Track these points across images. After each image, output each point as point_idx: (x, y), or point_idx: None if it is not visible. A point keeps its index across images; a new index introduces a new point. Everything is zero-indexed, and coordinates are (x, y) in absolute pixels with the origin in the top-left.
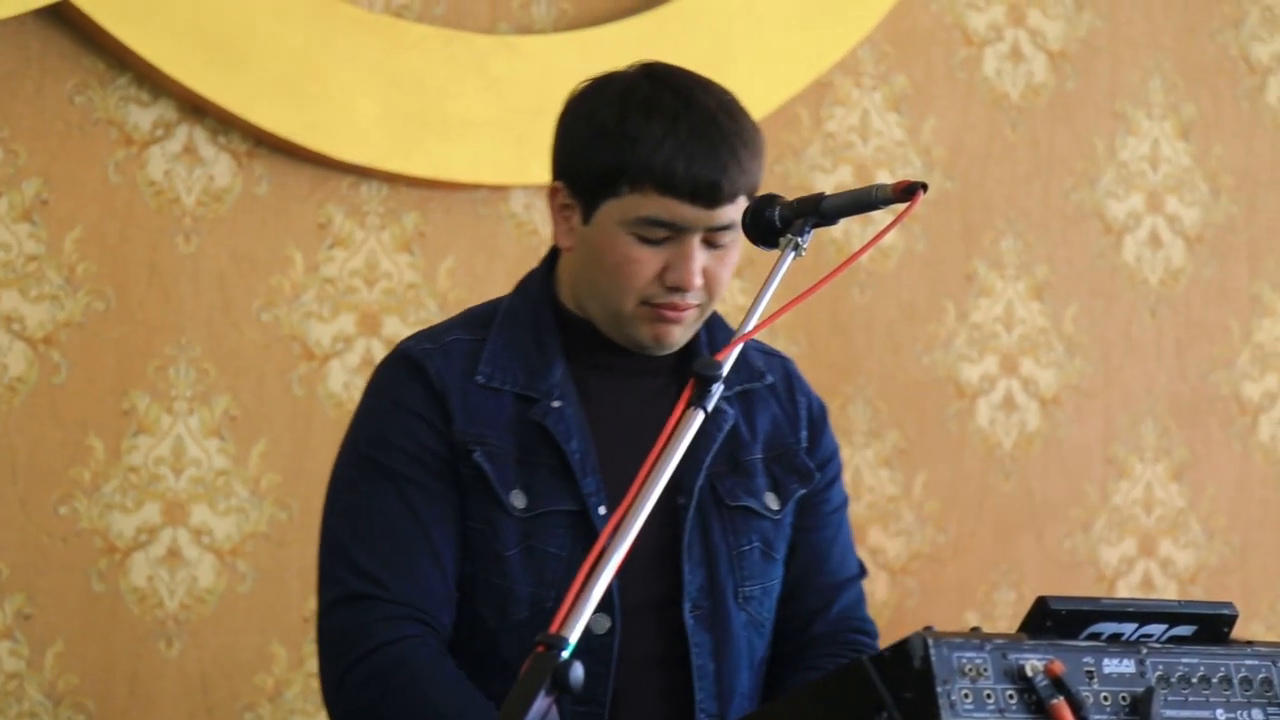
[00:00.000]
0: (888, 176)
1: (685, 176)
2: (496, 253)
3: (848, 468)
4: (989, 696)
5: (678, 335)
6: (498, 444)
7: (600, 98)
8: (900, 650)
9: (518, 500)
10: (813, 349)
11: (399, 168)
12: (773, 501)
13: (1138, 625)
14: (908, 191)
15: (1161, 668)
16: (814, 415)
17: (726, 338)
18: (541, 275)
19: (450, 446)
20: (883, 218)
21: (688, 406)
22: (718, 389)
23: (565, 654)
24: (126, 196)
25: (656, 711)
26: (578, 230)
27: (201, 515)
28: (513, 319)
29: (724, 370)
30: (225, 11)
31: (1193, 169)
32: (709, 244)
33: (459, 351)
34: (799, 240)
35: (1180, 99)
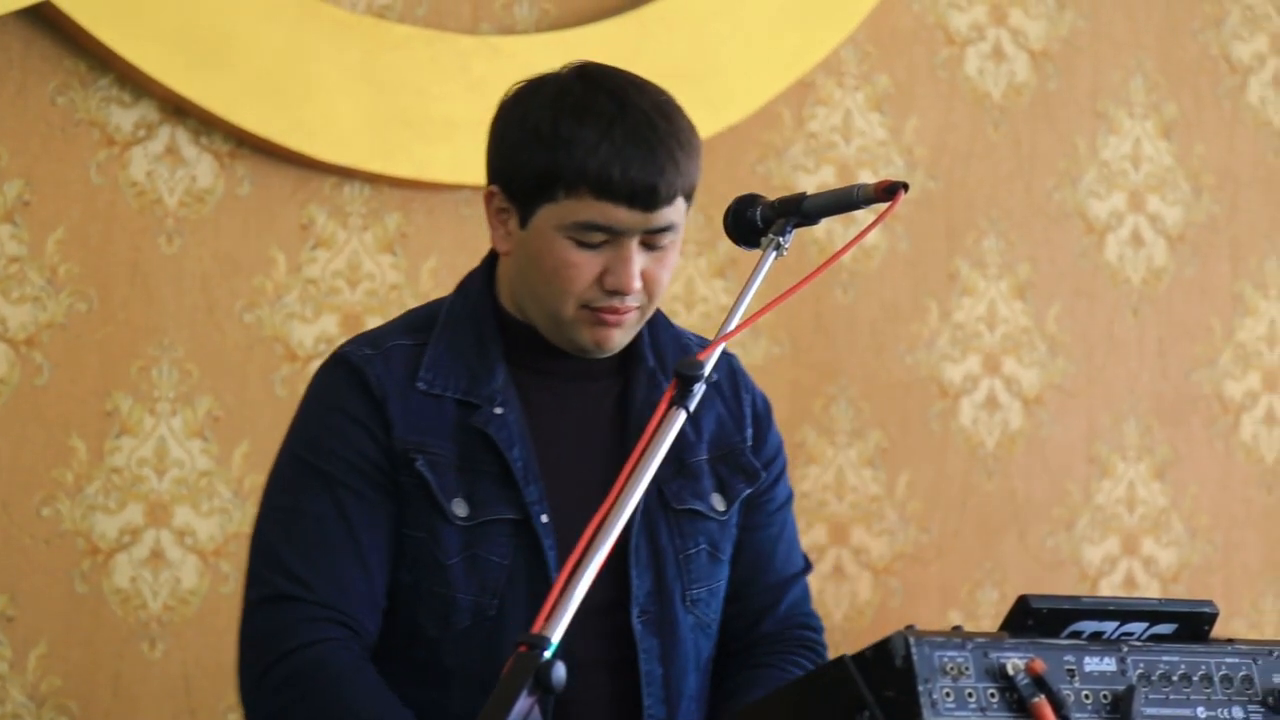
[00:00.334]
0: (870, 176)
1: (622, 181)
2: (479, 254)
3: (830, 468)
4: (970, 695)
5: (618, 338)
6: (439, 452)
7: (533, 101)
8: (882, 649)
9: (459, 509)
10: (795, 349)
11: (381, 168)
12: (719, 503)
13: (1119, 624)
14: (889, 191)
15: (1142, 666)
16: (758, 412)
17: (669, 337)
18: (482, 277)
19: (389, 455)
20: (865, 217)
21: (670, 407)
22: (700, 389)
23: (548, 654)
24: (109, 197)
25: (605, 715)
26: (515, 234)
27: (184, 516)
28: (454, 322)
29: (706, 370)
30: (207, 13)
31: (1174, 168)
32: (647, 246)
33: (399, 357)
34: (780, 240)
35: (1162, 98)
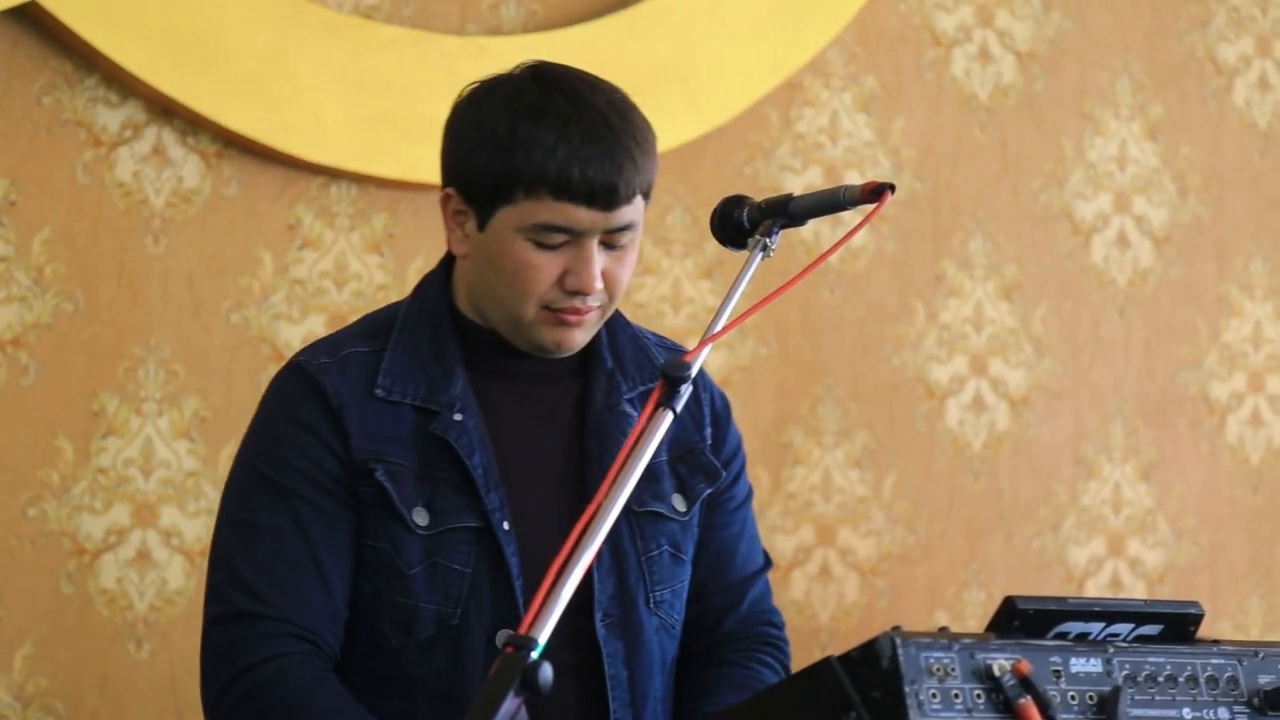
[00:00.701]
0: (857, 177)
1: (581, 180)
2: None
3: (817, 468)
4: (957, 696)
5: (579, 338)
6: (398, 460)
7: (488, 103)
8: (868, 650)
9: (420, 517)
10: (782, 349)
11: (368, 169)
12: (680, 503)
13: (1104, 624)
14: (876, 192)
15: (1128, 667)
16: (717, 411)
17: (627, 338)
18: (438, 280)
19: (347, 465)
20: (852, 218)
21: (656, 408)
22: (686, 390)
23: (535, 654)
24: (95, 198)
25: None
26: (473, 237)
27: (171, 517)
28: (411, 327)
29: (693, 371)
30: (194, 12)
31: (1160, 169)
32: (607, 245)
33: (356, 364)
34: (767, 241)
35: (1148, 100)
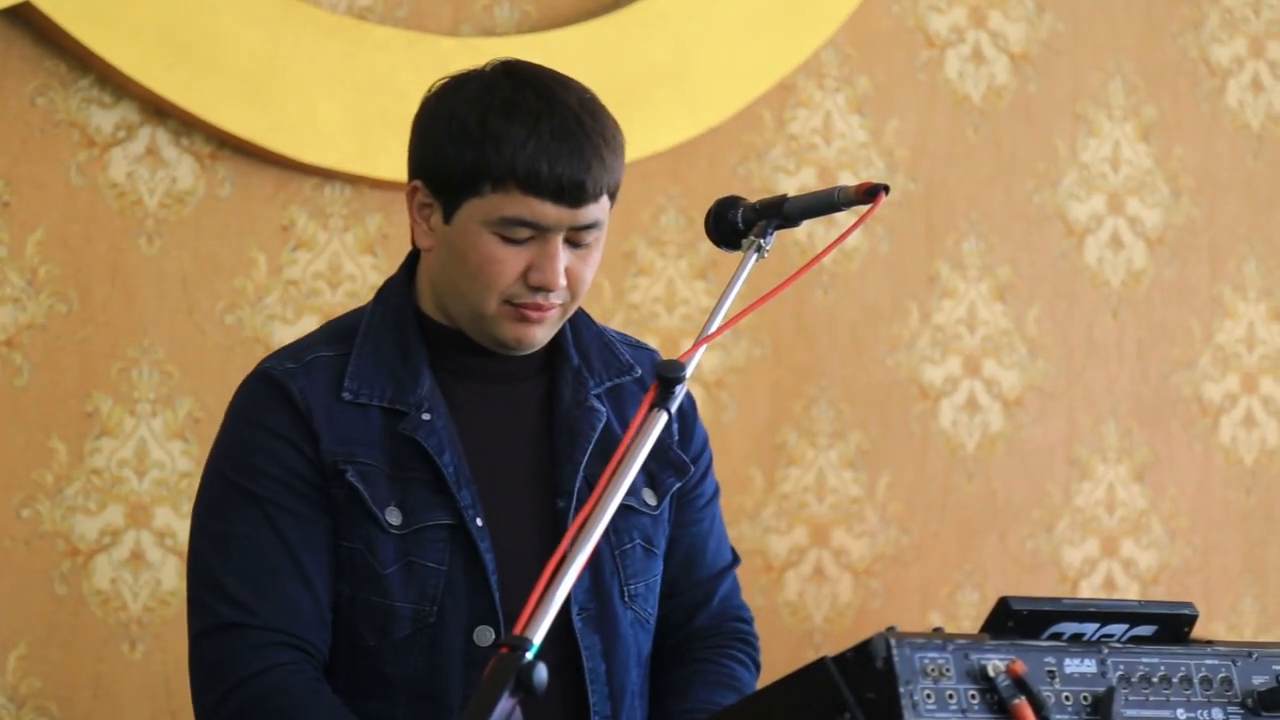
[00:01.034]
0: (851, 178)
1: (550, 176)
2: None
3: (811, 469)
4: (951, 697)
5: (540, 335)
6: (368, 461)
7: (459, 97)
8: (863, 651)
9: (393, 517)
10: (776, 350)
11: (362, 170)
12: (650, 497)
13: (1099, 625)
14: (870, 193)
15: (1122, 667)
16: (683, 407)
17: (592, 335)
18: (401, 282)
19: (318, 468)
20: (846, 219)
21: (651, 408)
22: (681, 390)
23: (529, 655)
24: (89, 199)
25: (554, 714)
26: (438, 230)
27: (165, 518)
28: (375, 330)
29: (688, 372)
30: (188, 13)
31: (1154, 171)
32: (572, 243)
33: (322, 368)
34: (762, 242)
35: (1141, 101)
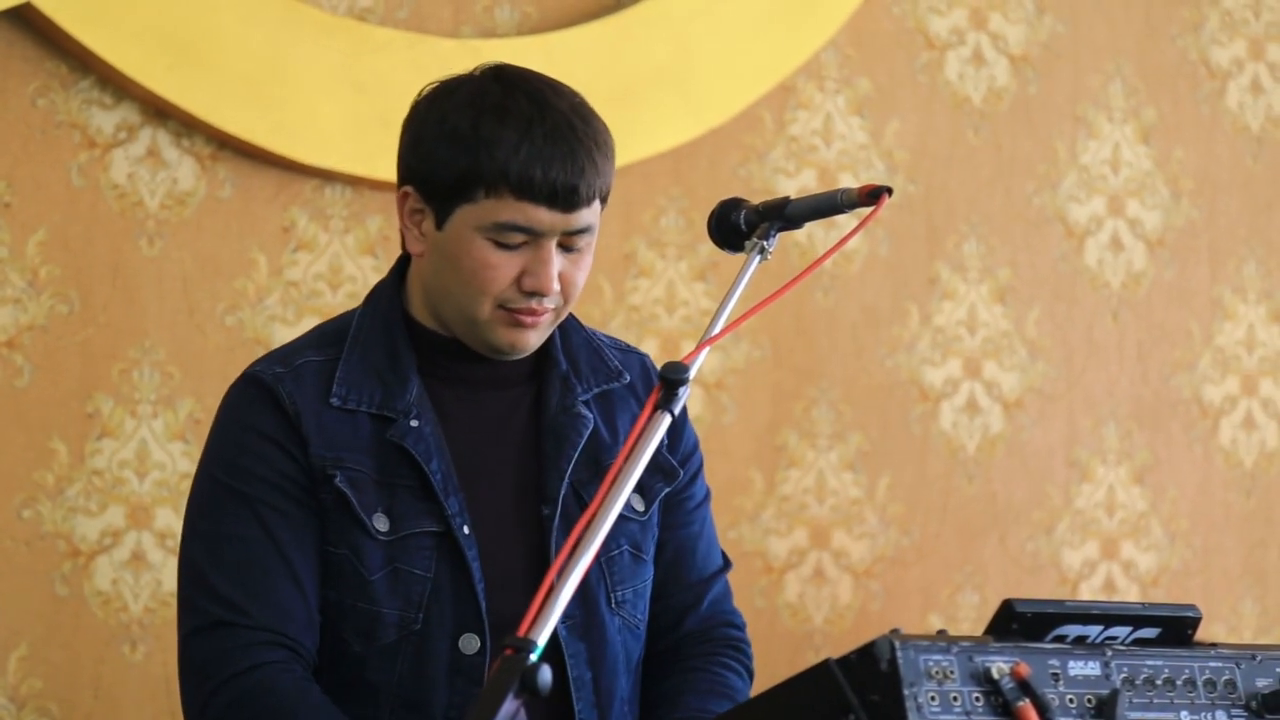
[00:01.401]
0: (851, 180)
1: (543, 181)
2: None
3: (811, 471)
4: (955, 699)
5: (533, 339)
6: (356, 467)
7: (451, 102)
8: (867, 653)
9: (380, 523)
10: (777, 352)
11: (363, 171)
12: (638, 503)
13: (1103, 628)
14: (873, 195)
15: (1126, 670)
16: None
17: (581, 340)
18: (391, 287)
19: (307, 472)
20: (846, 221)
21: (654, 411)
22: (685, 392)
23: (534, 656)
24: (90, 200)
25: None
26: (430, 236)
27: (165, 518)
28: (364, 335)
29: (691, 374)
30: (189, 14)
31: (1154, 173)
32: (564, 248)
33: (310, 373)
34: (765, 244)
35: (1141, 103)
